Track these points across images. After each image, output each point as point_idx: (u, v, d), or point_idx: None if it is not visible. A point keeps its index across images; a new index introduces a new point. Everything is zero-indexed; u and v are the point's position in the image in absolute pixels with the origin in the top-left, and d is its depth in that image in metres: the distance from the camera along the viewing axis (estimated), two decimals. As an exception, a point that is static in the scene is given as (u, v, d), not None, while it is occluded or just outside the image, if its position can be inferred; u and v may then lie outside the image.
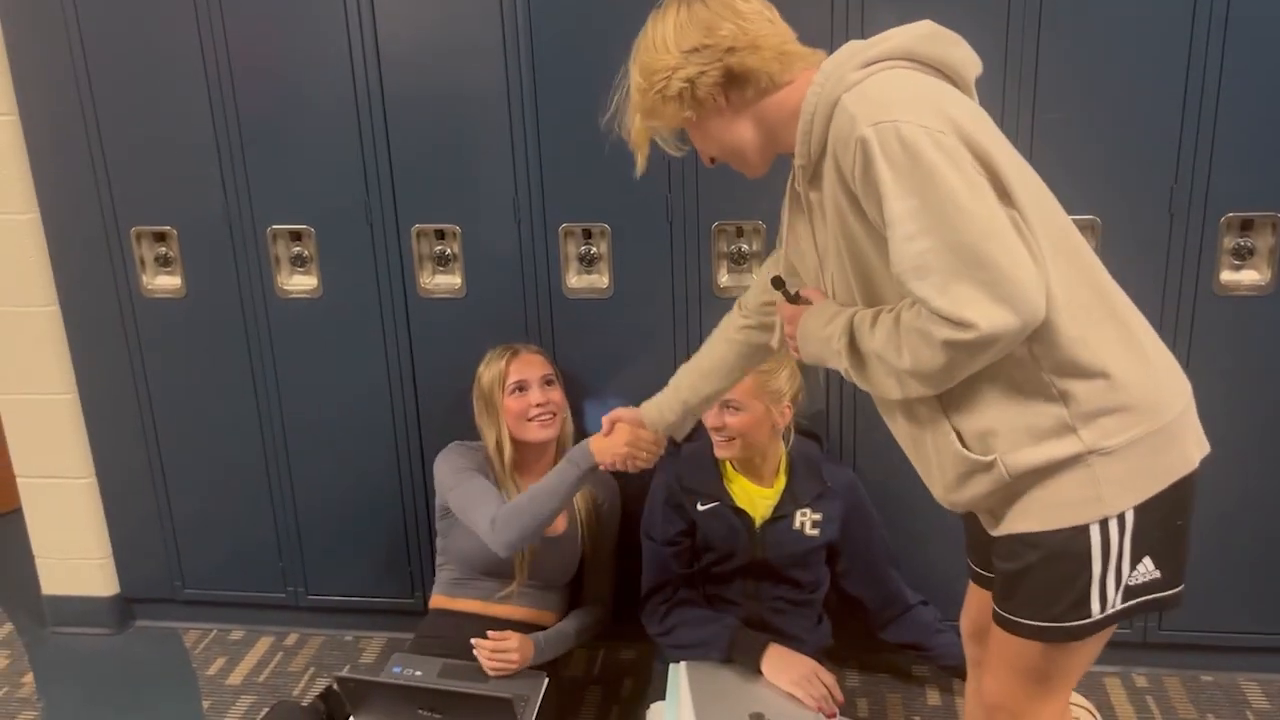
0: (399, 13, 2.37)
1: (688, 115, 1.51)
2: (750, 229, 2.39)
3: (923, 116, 1.32)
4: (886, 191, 1.31)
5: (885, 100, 1.35)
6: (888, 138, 1.31)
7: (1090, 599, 1.44)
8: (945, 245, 1.30)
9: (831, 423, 2.49)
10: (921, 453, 1.56)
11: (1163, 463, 1.44)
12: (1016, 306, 1.29)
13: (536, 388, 2.37)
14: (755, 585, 2.28)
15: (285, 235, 2.56)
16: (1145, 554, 1.44)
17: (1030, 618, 1.48)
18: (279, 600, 2.86)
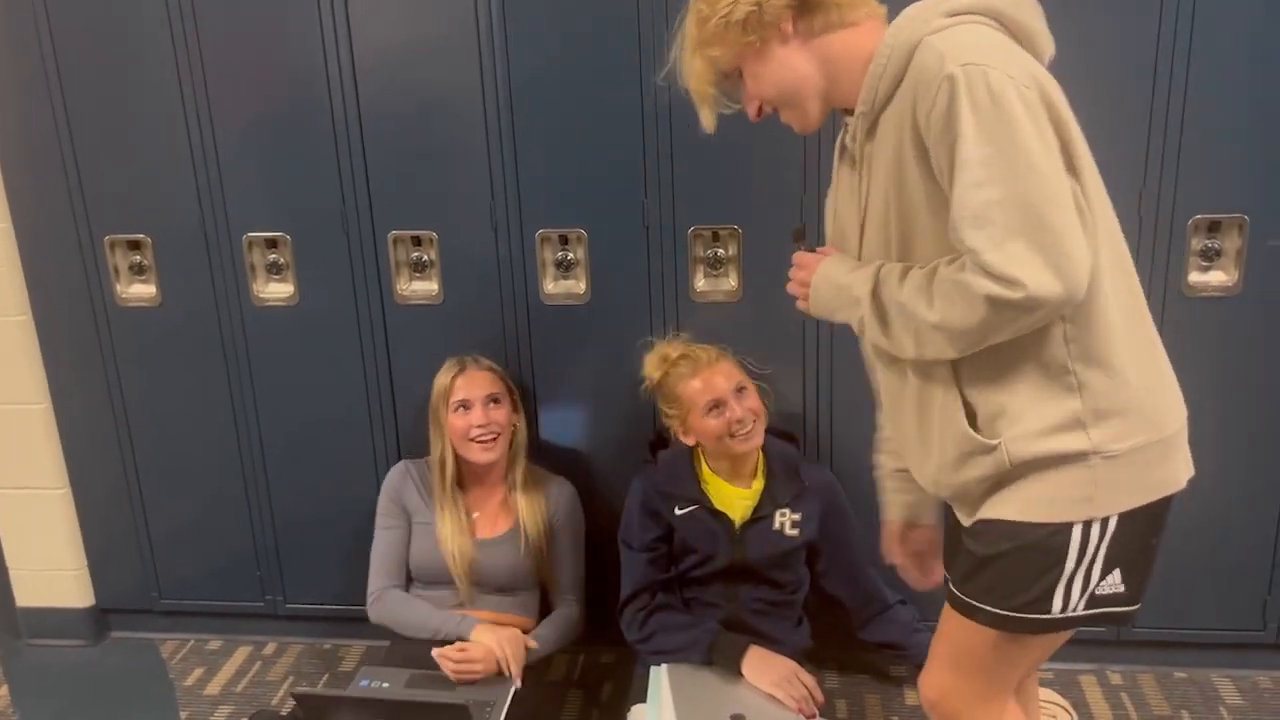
0: (373, 20, 2.37)
1: (750, 40, 1.46)
2: (726, 233, 2.40)
3: (1010, 68, 1.31)
4: (965, 133, 1.29)
5: (975, 45, 1.34)
6: (975, 80, 1.29)
7: (1054, 596, 1.44)
8: (1012, 199, 1.28)
9: (808, 424, 2.50)
10: (925, 428, 1.53)
11: (1158, 476, 1.45)
12: (1065, 277, 1.28)
13: (480, 407, 2.36)
14: (735, 587, 2.29)
15: (261, 243, 2.55)
16: (1117, 565, 1.45)
17: (990, 604, 1.47)
18: (257, 609, 2.85)
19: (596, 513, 2.56)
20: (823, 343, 2.44)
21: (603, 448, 2.61)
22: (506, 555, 2.40)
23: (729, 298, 2.43)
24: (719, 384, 2.22)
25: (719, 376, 2.23)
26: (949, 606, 1.58)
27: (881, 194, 1.45)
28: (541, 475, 2.49)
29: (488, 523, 2.43)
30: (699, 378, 2.23)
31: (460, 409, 2.36)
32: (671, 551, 2.33)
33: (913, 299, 1.40)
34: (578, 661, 2.72)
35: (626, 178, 2.38)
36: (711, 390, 2.22)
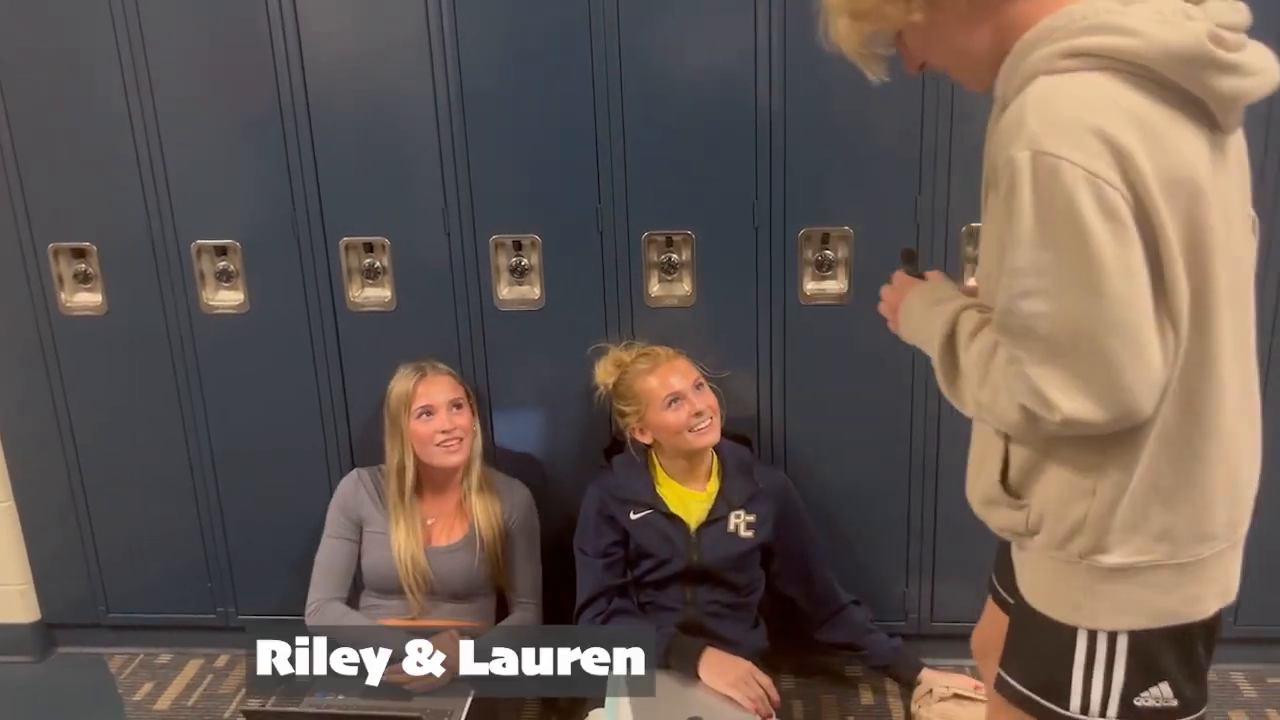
0: (324, 25, 2.36)
1: (916, 20, 1.26)
2: (680, 239, 2.41)
3: (1099, 163, 1.10)
4: (1021, 232, 1.15)
5: (1070, 120, 1.12)
6: (1042, 173, 1.12)
7: (1070, 689, 1.34)
8: (1062, 319, 1.15)
9: (761, 427, 2.52)
10: (978, 448, 1.45)
11: (1165, 603, 1.31)
12: (1111, 405, 1.16)
13: (444, 412, 2.36)
14: (692, 590, 2.30)
15: (210, 250, 2.52)
16: (1163, 679, 1.32)
17: (1012, 676, 1.41)
18: (208, 621, 2.81)
19: (553, 518, 2.55)
20: (776, 347, 2.46)
21: (558, 453, 2.61)
22: (462, 562, 2.39)
23: (683, 303, 2.45)
24: (678, 378, 2.27)
25: (677, 372, 2.28)
26: (997, 693, 1.47)
27: (985, 217, 1.32)
28: (497, 479, 2.49)
29: (444, 529, 2.43)
30: (658, 373, 2.27)
31: (424, 415, 2.35)
32: (627, 556, 2.34)
33: (971, 367, 1.28)
34: (535, 668, 2.72)
35: (580, 183, 2.39)
36: (671, 384, 2.25)
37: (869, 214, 2.36)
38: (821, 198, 2.36)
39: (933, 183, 2.32)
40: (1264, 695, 2.52)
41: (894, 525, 2.59)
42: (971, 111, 2.26)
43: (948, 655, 2.64)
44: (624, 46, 2.29)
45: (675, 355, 2.33)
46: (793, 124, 2.31)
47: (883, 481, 2.55)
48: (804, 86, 2.29)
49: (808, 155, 2.33)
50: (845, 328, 2.43)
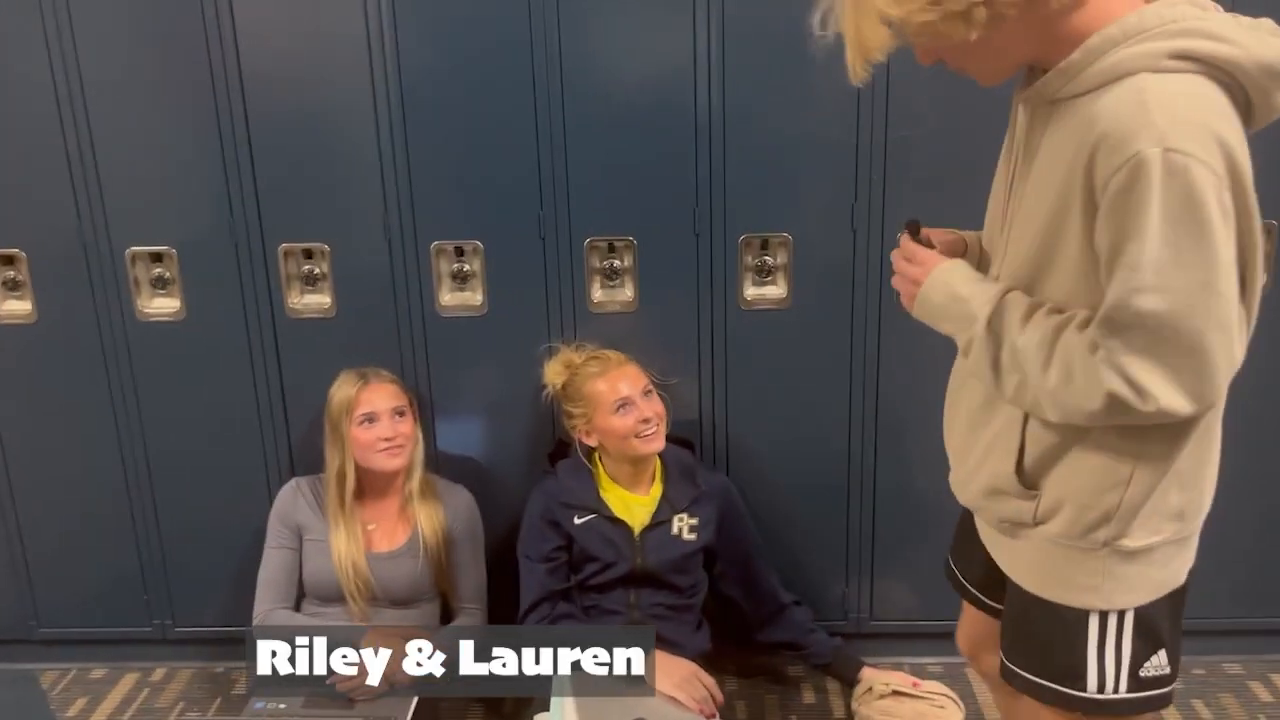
0: (261, 25, 2.33)
1: (970, 38, 1.24)
2: (622, 245, 2.43)
3: (1217, 160, 1.15)
4: (1146, 230, 1.15)
5: (1190, 119, 1.15)
6: (1176, 173, 1.13)
7: (1087, 669, 1.39)
8: (1176, 317, 1.17)
9: (704, 431, 2.55)
10: (974, 436, 1.48)
11: (1165, 573, 1.39)
12: (1201, 400, 1.21)
13: (386, 419, 2.36)
14: (636, 593, 2.33)
15: (145, 257, 2.48)
16: (1161, 647, 1.40)
17: (1026, 670, 1.45)
18: (144, 634, 2.75)
19: (497, 524, 2.56)
20: (717, 351, 2.49)
21: (501, 459, 2.61)
22: (405, 567, 2.38)
23: (625, 308, 2.46)
24: (627, 384, 2.29)
25: (627, 378, 2.31)
26: (1005, 683, 1.51)
27: (1039, 209, 1.31)
28: (439, 484, 2.48)
29: (385, 535, 2.42)
30: (608, 377, 2.29)
31: (366, 422, 2.34)
32: (571, 561, 2.35)
33: (1031, 351, 1.28)
34: (479, 674, 2.71)
35: (522, 190, 2.40)
36: (620, 389, 2.28)
37: (807, 221, 2.40)
38: (760, 205, 2.39)
39: (868, 190, 2.37)
40: (1189, 686, 2.61)
41: (833, 526, 2.63)
42: (906, 121, 2.32)
43: (887, 654, 2.71)
44: (565, 54, 2.31)
45: (626, 361, 2.35)
46: (731, 132, 2.35)
47: (822, 483, 2.59)
48: (742, 95, 2.32)
49: (747, 163, 2.36)
50: (785, 332, 2.47)
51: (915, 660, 2.72)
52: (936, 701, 2.42)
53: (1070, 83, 1.26)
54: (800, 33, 2.33)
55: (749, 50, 2.31)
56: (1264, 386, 2.32)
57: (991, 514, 1.47)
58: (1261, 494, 2.51)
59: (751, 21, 2.28)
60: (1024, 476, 1.40)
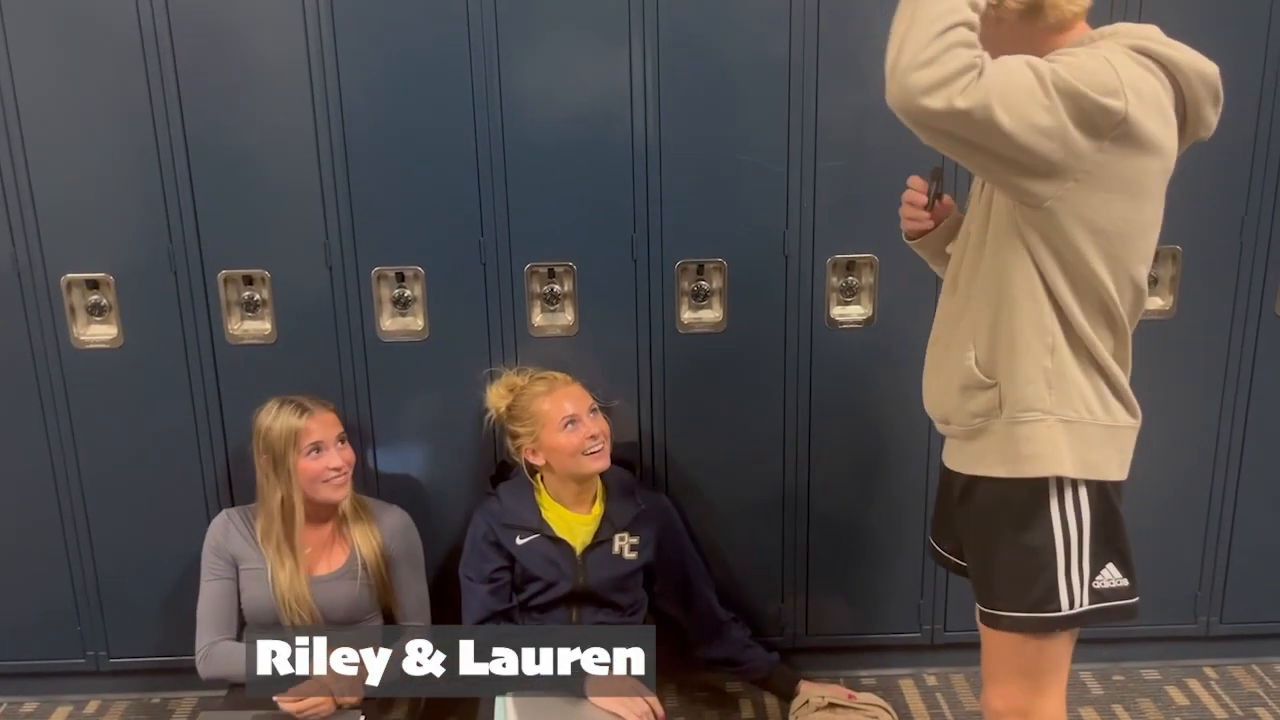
0: (202, 52, 2.35)
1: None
2: (562, 270, 2.49)
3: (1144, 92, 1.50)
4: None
5: (1144, 84, 1.51)
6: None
7: (1058, 592, 1.65)
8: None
9: (644, 450, 2.60)
10: (946, 354, 1.77)
11: (1100, 456, 1.66)
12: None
13: (333, 448, 2.35)
14: (578, 612, 2.36)
15: (81, 284, 2.47)
16: (1109, 559, 1.68)
17: (1006, 609, 1.69)
18: (77, 666, 2.71)
19: (438, 548, 2.58)
20: (656, 373, 2.55)
21: (443, 483, 2.63)
22: (344, 588, 2.38)
23: (565, 332, 2.51)
24: (573, 402, 2.34)
25: (573, 396, 2.35)
26: (981, 624, 1.77)
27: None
28: (372, 504, 2.48)
29: (323, 558, 2.41)
30: (554, 396, 2.34)
31: (314, 451, 2.33)
32: (513, 581, 2.38)
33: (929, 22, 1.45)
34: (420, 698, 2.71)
35: (463, 215, 2.44)
36: (565, 408, 2.32)
37: (740, 246, 2.48)
38: (696, 231, 2.47)
39: (799, 217, 2.46)
40: (1110, 692, 2.72)
41: (769, 544, 2.70)
42: (832, 152, 2.42)
43: (822, 668, 2.77)
44: (505, 83, 2.37)
45: (571, 381, 2.40)
46: (667, 162, 2.42)
47: (759, 502, 2.66)
48: (678, 126, 2.40)
49: (682, 191, 2.44)
50: (721, 354, 2.54)
51: (850, 673, 2.79)
52: (870, 712, 2.50)
53: None
54: (733, 66, 2.44)
55: (684, 83, 2.39)
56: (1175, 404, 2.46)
57: (965, 413, 1.72)
58: (1168, 505, 2.64)
59: (686, 55, 2.37)
60: (981, 367, 1.68)
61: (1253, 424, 2.62)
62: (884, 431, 2.60)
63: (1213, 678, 2.76)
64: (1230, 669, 2.80)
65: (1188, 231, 2.45)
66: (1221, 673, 2.78)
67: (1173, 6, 2.30)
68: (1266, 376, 2.58)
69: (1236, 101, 2.34)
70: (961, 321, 1.73)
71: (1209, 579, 2.73)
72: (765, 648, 2.63)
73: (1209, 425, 2.62)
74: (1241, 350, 2.56)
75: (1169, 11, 2.28)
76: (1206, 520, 2.69)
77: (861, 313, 2.53)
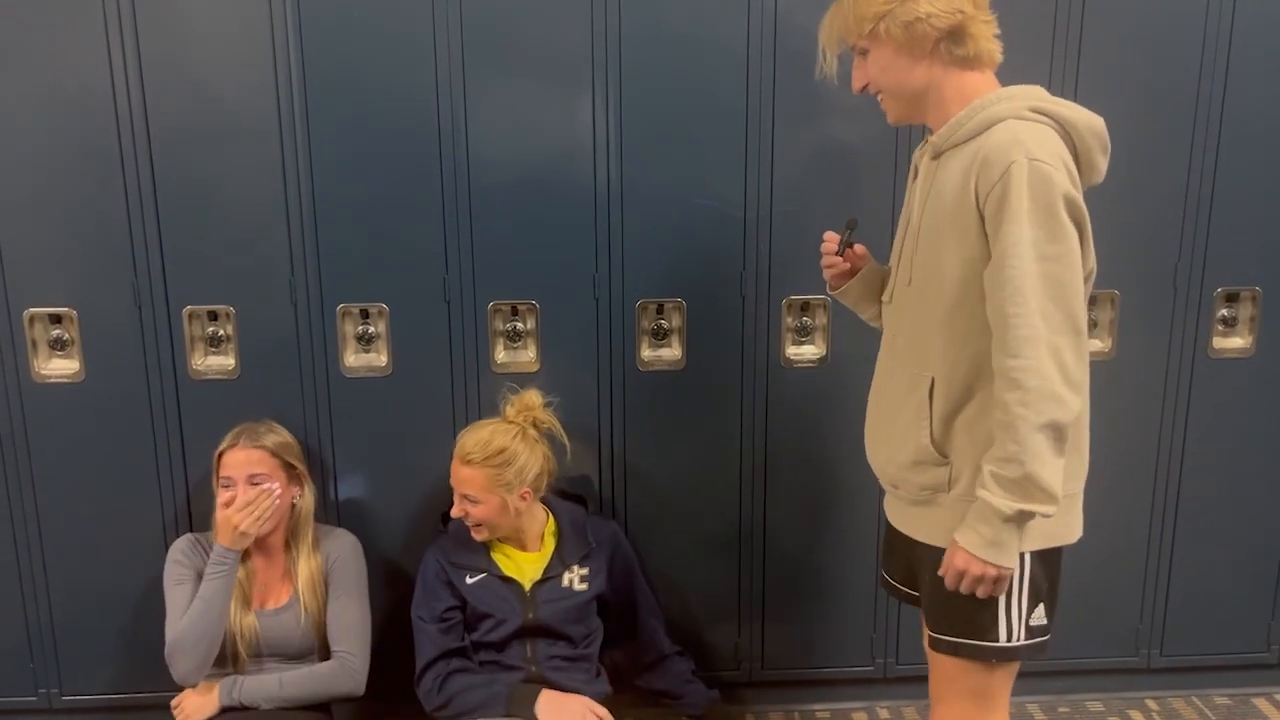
0: (169, 88, 2.38)
1: (898, 39, 1.67)
2: (525, 308, 2.54)
3: (1065, 174, 1.59)
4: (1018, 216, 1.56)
5: (1046, 148, 1.59)
6: (1040, 174, 1.57)
7: (998, 623, 1.72)
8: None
9: (602, 486, 2.65)
10: (892, 422, 1.82)
11: (1058, 525, 1.71)
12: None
13: (241, 487, 2.30)
14: (532, 646, 2.37)
15: (44, 318, 2.47)
16: (1040, 601, 1.74)
17: (950, 635, 1.76)
18: (28, 704, 2.68)
19: (398, 584, 2.59)
20: (616, 410, 2.60)
21: (403, 520, 2.64)
22: (288, 624, 2.37)
23: (528, 368, 2.56)
24: (458, 481, 2.32)
25: (459, 477, 2.32)
26: (929, 650, 1.85)
27: (935, 229, 1.71)
28: (322, 533, 2.46)
29: (273, 592, 2.40)
30: (454, 464, 2.33)
31: (225, 486, 2.32)
32: (466, 619, 2.39)
33: (1033, 431, 1.58)
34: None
35: (428, 254, 2.48)
36: (453, 482, 2.34)
37: (699, 286, 2.55)
38: (656, 272, 2.53)
39: (755, 260, 2.53)
40: (1056, 723, 2.79)
41: (726, 579, 2.74)
42: (787, 198, 2.51)
43: (778, 701, 2.82)
44: (470, 125, 2.43)
45: (467, 461, 2.30)
46: (629, 204, 2.49)
47: (715, 537, 2.71)
48: (639, 166, 2.47)
49: (643, 233, 2.51)
50: (679, 392, 2.60)
51: (805, 707, 2.83)
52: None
53: (958, 131, 1.69)
54: (693, 112, 2.52)
55: (645, 128, 2.46)
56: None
57: (914, 484, 1.78)
58: (1110, 541, 2.72)
59: (647, 101, 2.45)
60: (937, 445, 1.73)
61: (1189, 461, 2.72)
62: (837, 468, 2.66)
63: (1154, 709, 2.84)
64: (1171, 700, 2.87)
65: (1124, 276, 2.56)
66: (1163, 704, 2.86)
67: (1106, 57, 2.44)
68: (1202, 416, 2.69)
69: (1171, 148, 2.51)
70: (912, 394, 1.76)
71: (1149, 613, 2.82)
72: (719, 682, 2.67)
73: (1148, 463, 2.72)
74: (1177, 390, 2.67)
75: (1106, 51, 2.44)
76: (1146, 556, 2.78)
77: (815, 352, 2.60)
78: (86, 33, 2.34)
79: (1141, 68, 2.47)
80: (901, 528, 1.87)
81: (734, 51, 2.43)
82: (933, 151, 1.75)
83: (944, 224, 1.69)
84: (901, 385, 1.80)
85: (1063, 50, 2.44)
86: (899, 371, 1.81)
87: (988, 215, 1.61)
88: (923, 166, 1.79)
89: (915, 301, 1.78)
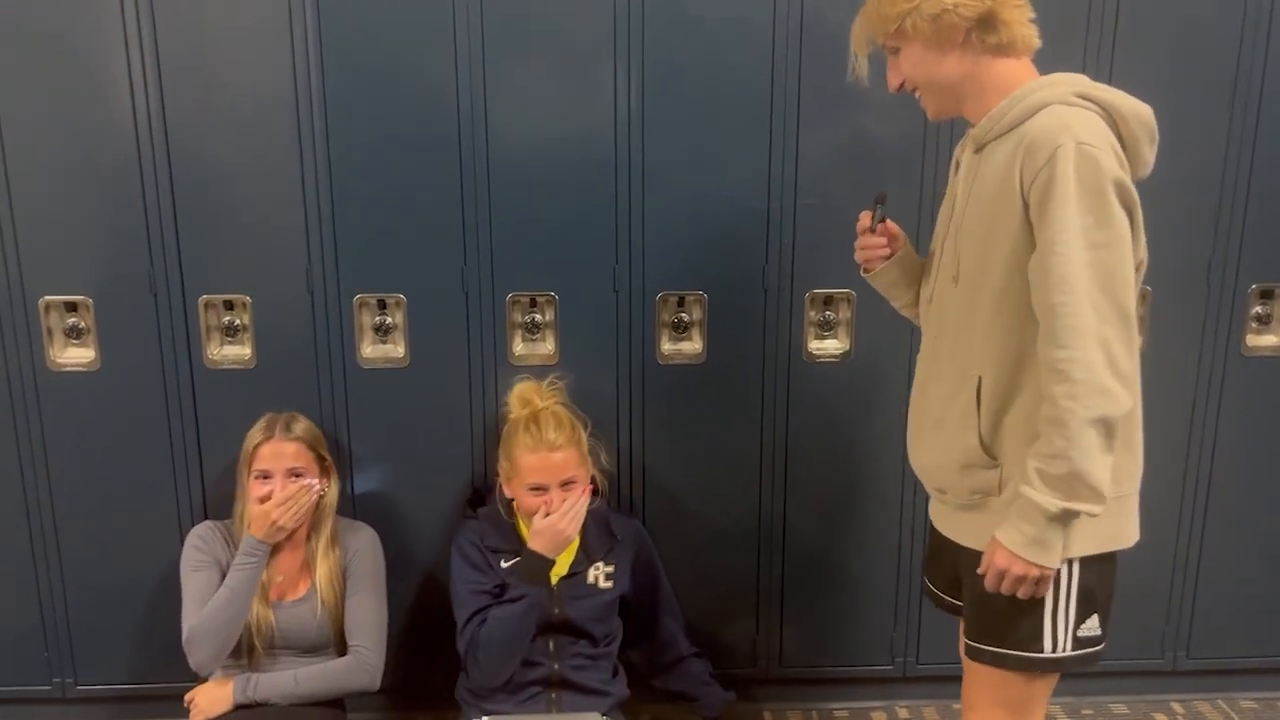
0: (186, 76, 2.36)
1: (926, 33, 1.63)
2: (544, 300, 2.51)
3: (1113, 157, 1.55)
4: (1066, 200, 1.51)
5: (1094, 132, 1.55)
6: (1087, 157, 1.52)
7: (1043, 634, 1.67)
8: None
9: (621, 481, 2.61)
10: (940, 425, 1.76)
11: (1110, 529, 1.66)
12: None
13: (279, 480, 2.30)
14: (555, 642, 2.35)
15: (60, 306, 2.46)
16: (1094, 611, 1.68)
17: (991, 645, 1.71)
18: (43, 694, 2.67)
19: (413, 574, 2.59)
20: (635, 404, 2.57)
21: (420, 511, 2.62)
22: (305, 616, 2.35)
23: (546, 361, 2.53)
24: (548, 473, 2.27)
25: (551, 467, 2.26)
26: (965, 658, 1.79)
27: (980, 218, 1.66)
28: (342, 526, 2.44)
29: (291, 584, 2.38)
30: (536, 455, 2.27)
31: (261, 478, 2.31)
32: (501, 602, 2.36)
33: (1081, 424, 1.53)
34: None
35: (446, 244, 2.45)
36: (537, 476, 2.27)
37: (720, 280, 2.51)
38: (677, 264, 2.50)
39: (778, 252, 2.49)
40: (1079, 725, 2.75)
41: (745, 575, 2.71)
42: (811, 189, 2.46)
43: (796, 700, 2.79)
44: (490, 113, 2.39)
45: (562, 446, 2.28)
46: (650, 194, 2.45)
47: (734, 532, 2.68)
48: (661, 158, 2.43)
49: (664, 224, 2.47)
50: (700, 386, 2.57)
51: (823, 705, 2.81)
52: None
53: (1000, 121, 1.64)
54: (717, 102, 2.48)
55: (667, 118, 2.42)
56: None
57: (963, 489, 1.73)
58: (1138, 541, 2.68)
59: (670, 89, 2.40)
60: (985, 447, 1.68)
61: (1219, 462, 2.67)
62: (859, 464, 2.63)
63: (1179, 712, 2.80)
64: (1197, 704, 2.83)
65: (1156, 271, 2.50)
66: (1188, 707, 2.82)
67: (1141, 46, 2.39)
68: (1233, 415, 2.64)
69: (1205, 138, 2.45)
70: (958, 394, 1.71)
71: (1176, 616, 2.77)
72: (736, 679, 2.64)
73: (1177, 463, 2.67)
74: (1209, 389, 2.62)
75: (1139, 52, 2.37)
76: (1174, 557, 2.73)
77: (839, 347, 2.56)
78: (105, 22, 2.32)
79: (1175, 54, 2.42)
80: (948, 533, 1.82)
81: (758, 38, 2.39)
82: (974, 144, 1.71)
83: (988, 215, 1.65)
84: (947, 386, 1.75)
85: (1097, 36, 2.38)
86: (944, 372, 1.76)
87: (1033, 202, 1.56)
88: (964, 160, 1.75)
89: (959, 299, 1.72)
